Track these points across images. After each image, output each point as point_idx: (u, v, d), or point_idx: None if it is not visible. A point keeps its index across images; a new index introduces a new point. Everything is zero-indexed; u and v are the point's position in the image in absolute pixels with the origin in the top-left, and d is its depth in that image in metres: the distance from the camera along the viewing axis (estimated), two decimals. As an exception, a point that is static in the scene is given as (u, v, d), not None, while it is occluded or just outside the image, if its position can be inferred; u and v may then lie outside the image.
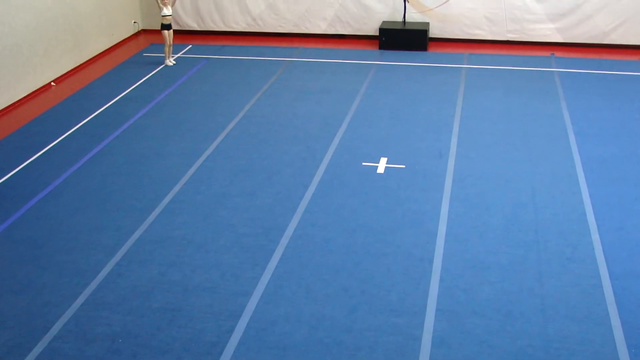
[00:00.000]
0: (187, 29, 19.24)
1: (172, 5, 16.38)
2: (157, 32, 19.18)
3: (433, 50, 17.51)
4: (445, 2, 17.87)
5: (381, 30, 17.61)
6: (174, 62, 16.49)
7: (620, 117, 13.05)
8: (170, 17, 16.15)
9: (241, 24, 19.01)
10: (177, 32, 19.09)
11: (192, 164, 11.37)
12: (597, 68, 15.96)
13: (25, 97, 14.56)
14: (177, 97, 14.38)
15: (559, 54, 17.16)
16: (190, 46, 18.01)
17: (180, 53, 17.39)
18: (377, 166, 11.23)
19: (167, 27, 16.13)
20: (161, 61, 16.64)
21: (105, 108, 13.87)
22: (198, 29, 19.23)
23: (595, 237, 9.16)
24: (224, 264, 8.70)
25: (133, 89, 14.93)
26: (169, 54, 16.40)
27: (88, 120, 13.26)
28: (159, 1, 16.04)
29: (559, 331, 7.44)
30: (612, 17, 17.32)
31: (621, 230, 9.34)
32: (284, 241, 9.16)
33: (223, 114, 13.39)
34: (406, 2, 17.80)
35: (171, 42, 16.33)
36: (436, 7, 17.96)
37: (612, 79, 15.20)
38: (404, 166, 11.21)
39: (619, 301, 7.89)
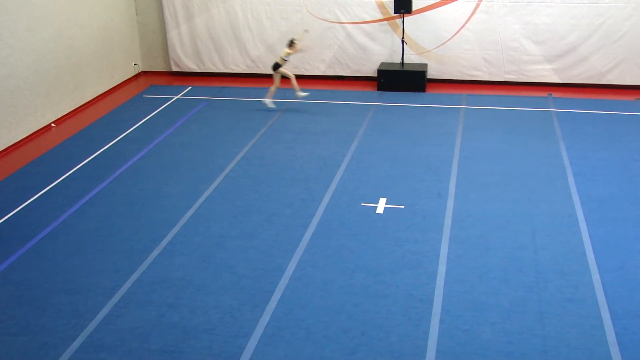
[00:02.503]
0: (187, 70, 19.39)
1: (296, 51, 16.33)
2: (157, 74, 19.40)
3: (431, 91, 17.62)
4: (443, 43, 18.04)
5: (379, 71, 17.75)
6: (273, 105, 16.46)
7: (619, 157, 13.09)
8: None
9: (241, 66, 19.17)
10: (176, 74, 19.27)
11: (191, 206, 11.37)
12: (594, 108, 16.05)
13: (25, 138, 14.62)
14: (176, 139, 14.43)
15: (556, 94, 17.27)
16: (190, 88, 18.12)
17: (180, 95, 17.49)
18: (376, 207, 11.23)
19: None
20: (160, 103, 16.72)
21: (105, 149, 13.92)
22: (198, 70, 19.37)
23: (596, 277, 9.13)
24: (223, 306, 8.66)
25: (132, 130, 14.99)
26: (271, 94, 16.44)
27: (87, 162, 13.29)
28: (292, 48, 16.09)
29: (560, 373, 7.40)
30: (608, 58, 17.47)
31: (621, 270, 9.32)
32: (283, 282, 9.13)
33: (222, 156, 13.43)
34: (404, 44, 17.96)
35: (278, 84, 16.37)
36: (434, 49, 18.11)
37: (609, 119, 15.28)
38: (403, 207, 11.22)
39: (620, 341, 7.85)
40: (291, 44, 15.94)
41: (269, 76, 18.73)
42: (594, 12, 17.16)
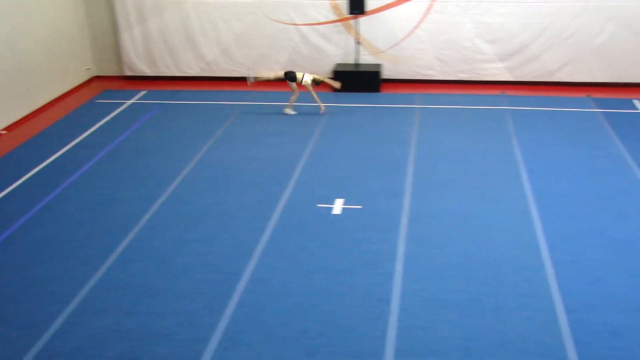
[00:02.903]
0: (141, 74, 19.20)
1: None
2: (110, 79, 19.20)
3: (386, 92, 17.71)
4: (397, 44, 18.14)
5: (334, 72, 17.79)
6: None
7: (571, 153, 13.30)
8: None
9: (195, 68, 19.05)
10: (130, 78, 19.08)
11: (147, 210, 11.28)
12: (546, 105, 16.28)
13: (-25, 147, 14.39)
14: (131, 144, 14.30)
15: (509, 92, 17.47)
16: (144, 92, 17.96)
17: (134, 99, 17.34)
18: (333, 207, 11.25)
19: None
20: (114, 108, 16.56)
21: (58, 156, 13.72)
22: (151, 74, 19.19)
23: (550, 271, 9.27)
24: (181, 311, 8.60)
25: (86, 136, 14.82)
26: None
27: (40, 169, 13.09)
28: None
29: (517, 367, 7.49)
30: (558, 56, 17.74)
31: (575, 263, 9.47)
32: (242, 285, 9.10)
33: (178, 160, 13.34)
34: (358, 44, 18.02)
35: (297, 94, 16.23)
36: (388, 49, 18.20)
37: (561, 116, 15.52)
38: (360, 207, 11.26)
39: (575, 334, 7.97)
40: (314, 81, 15.95)
41: (224, 79, 18.72)
42: (545, 12, 17.42)
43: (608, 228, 10.47)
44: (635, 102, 16.49)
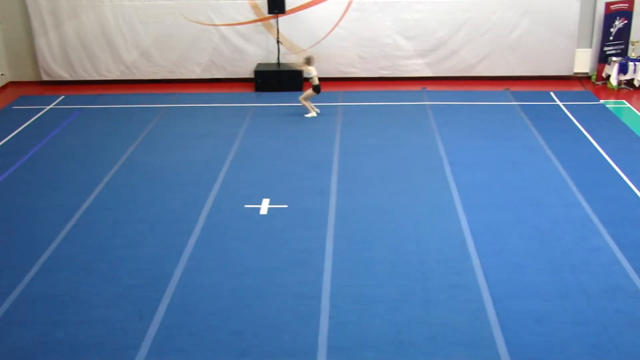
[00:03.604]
0: (58, 79, 18.78)
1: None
2: (26, 84, 18.74)
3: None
4: (318, 42, 18.20)
5: (256, 72, 17.75)
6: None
7: (491, 145, 13.59)
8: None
9: (114, 72, 18.74)
10: (47, 84, 18.66)
11: (70, 218, 11.04)
12: (466, 100, 16.58)
13: None
14: (51, 150, 13.98)
15: (430, 88, 17.74)
16: (63, 97, 17.57)
17: (52, 105, 16.95)
18: (259, 207, 11.23)
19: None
20: (31, 114, 16.17)
21: (-25, 165, 13.34)
22: (70, 79, 18.79)
23: (476, 262, 9.45)
24: (110, 318, 8.46)
25: (3, 143, 14.42)
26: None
27: (-44, 179, 12.72)
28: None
29: (448, 357, 7.61)
30: (476, 50, 18.11)
31: (499, 253, 9.68)
32: (170, 290, 9.00)
33: (100, 165, 13.10)
34: (279, 44, 18.03)
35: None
36: (309, 48, 18.25)
37: (480, 109, 15.83)
38: (286, 206, 11.26)
39: (502, 323, 8.15)
40: (308, 60, 15.74)
41: (145, 82, 18.48)
42: (462, 7, 17.75)
43: (529, 218, 10.73)
44: (552, 94, 16.93)
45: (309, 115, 15.69)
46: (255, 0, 17.95)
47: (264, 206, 11.28)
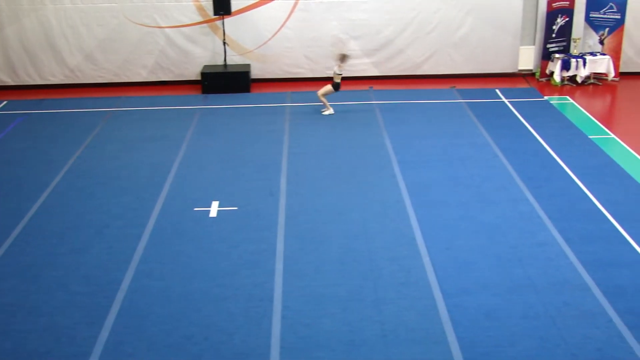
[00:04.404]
0: (0, 84, 18.42)
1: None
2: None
3: (256, 91, 17.73)
4: (265, 43, 18.18)
5: (203, 74, 17.66)
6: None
7: (438, 143, 13.72)
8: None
9: (58, 76, 18.45)
10: (-11, 89, 18.31)
11: (15, 225, 10.83)
12: (413, 98, 16.72)
13: None
14: (-6, 157, 13.73)
15: (377, 87, 17.84)
16: (5, 102, 17.25)
17: (-5, 110, 16.65)
18: (209, 210, 11.17)
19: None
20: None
21: None
22: (12, 83, 18.44)
23: (426, 259, 9.53)
24: (58, 326, 8.32)
25: (-55, 151, 14.12)
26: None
27: None
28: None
29: (400, 354, 7.65)
30: (422, 49, 18.29)
31: (449, 250, 9.77)
32: (120, 295, 8.89)
33: (46, 171, 12.88)
34: (226, 45, 17.96)
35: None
36: (256, 49, 18.23)
37: (427, 107, 15.99)
38: (236, 208, 11.22)
39: (453, 319, 8.22)
40: (343, 57, 15.59)
41: (90, 86, 18.25)
42: (407, 7, 17.92)
43: (477, 214, 10.86)
44: (498, 91, 17.17)
45: (326, 112, 15.76)
46: (201, 1, 17.85)
47: (214, 209, 11.22)
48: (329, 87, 15.68)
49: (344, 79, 15.78)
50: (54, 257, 9.91)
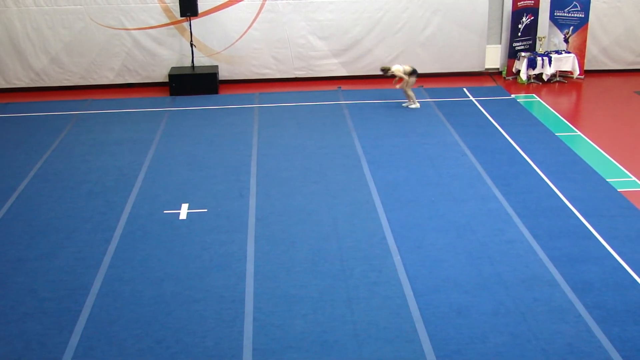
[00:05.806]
0: (-36, 89, 18.21)
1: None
2: None
3: (224, 93, 17.68)
4: (232, 44, 18.14)
5: (170, 76, 17.56)
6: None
7: (407, 143, 13.78)
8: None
9: (24, 79, 18.23)
10: (-47, 93, 18.05)
11: (-18, 231, 10.73)
12: (381, 98, 16.77)
13: None
14: (-41, 162, 13.54)
15: (345, 87, 17.88)
16: (-31, 107, 17.04)
17: (-41, 115, 16.42)
18: (179, 213, 11.12)
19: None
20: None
21: None
22: (-24, 88, 18.25)
23: (397, 258, 9.57)
24: (27, 333, 8.23)
25: None
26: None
27: None
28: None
29: (373, 353, 7.68)
30: (390, 49, 18.36)
31: (419, 249, 9.82)
32: (90, 300, 8.82)
33: (12, 176, 12.73)
34: (193, 47, 17.89)
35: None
36: (223, 50, 18.17)
37: (396, 107, 16.03)
38: (206, 210, 11.18)
39: (424, 317, 8.27)
40: (413, 72, 15.82)
41: (56, 89, 18.07)
42: (374, 6, 17.97)
43: (446, 212, 10.92)
44: (465, 90, 17.28)
45: (412, 106, 15.96)
46: (167, 3, 17.76)
47: (183, 211, 11.17)
48: (406, 78, 15.78)
49: (314, 79, 15.79)
50: (22, 262, 9.80)
